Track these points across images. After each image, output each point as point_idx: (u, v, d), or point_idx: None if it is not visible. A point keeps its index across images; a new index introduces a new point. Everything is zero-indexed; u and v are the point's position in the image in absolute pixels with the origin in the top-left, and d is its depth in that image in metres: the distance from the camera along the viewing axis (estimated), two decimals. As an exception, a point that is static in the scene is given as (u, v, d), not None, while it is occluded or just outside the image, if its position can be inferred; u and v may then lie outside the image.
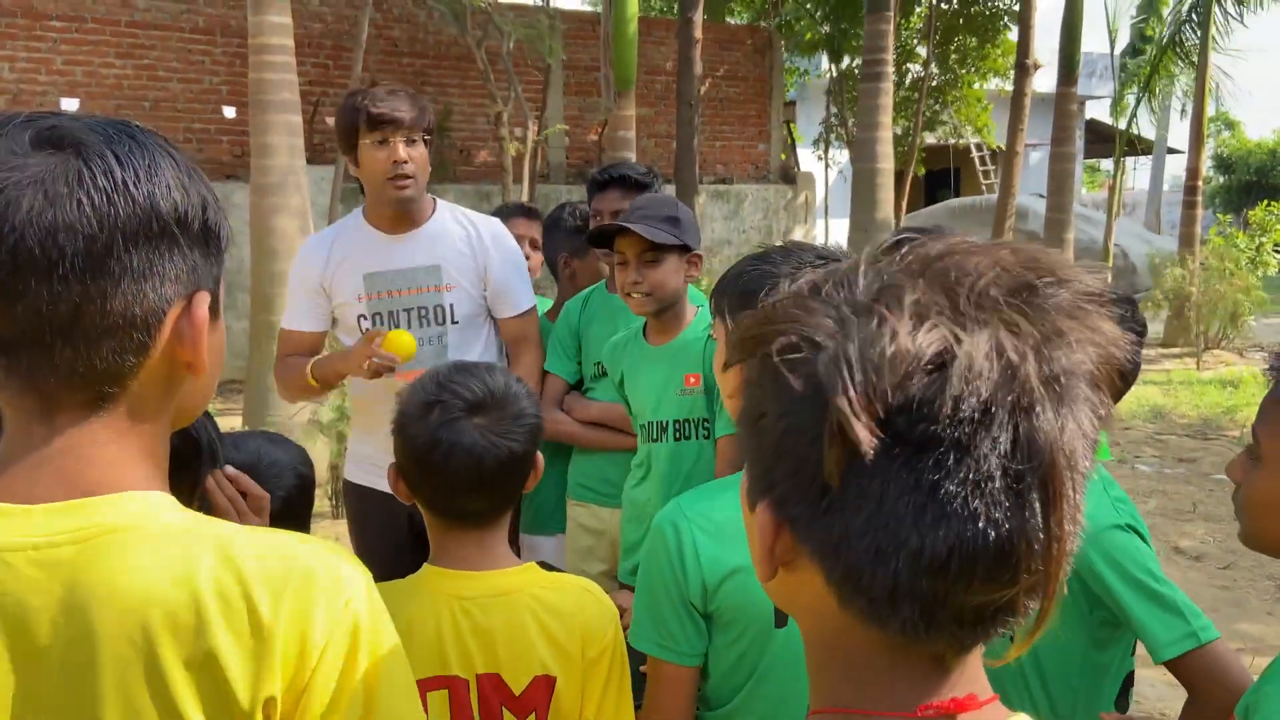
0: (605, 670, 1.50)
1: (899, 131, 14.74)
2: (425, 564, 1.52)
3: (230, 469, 1.37)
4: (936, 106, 16.05)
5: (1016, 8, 14.17)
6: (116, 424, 0.84)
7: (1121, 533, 1.57)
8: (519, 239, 3.27)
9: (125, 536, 0.80)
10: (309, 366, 2.64)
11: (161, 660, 0.78)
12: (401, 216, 2.66)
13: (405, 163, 2.54)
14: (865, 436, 0.59)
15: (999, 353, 0.60)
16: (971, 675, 0.68)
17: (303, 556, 0.84)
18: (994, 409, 0.59)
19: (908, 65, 15.23)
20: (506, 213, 3.41)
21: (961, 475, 0.59)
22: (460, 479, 1.46)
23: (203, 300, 0.86)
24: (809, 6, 15.24)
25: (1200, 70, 13.01)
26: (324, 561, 0.85)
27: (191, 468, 1.31)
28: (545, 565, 1.62)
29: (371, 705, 0.84)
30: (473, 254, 2.71)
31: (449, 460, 1.45)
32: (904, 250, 0.66)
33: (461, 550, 1.52)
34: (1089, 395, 0.62)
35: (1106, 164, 28.74)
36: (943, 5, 15.18)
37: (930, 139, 16.77)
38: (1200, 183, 13.52)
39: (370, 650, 0.85)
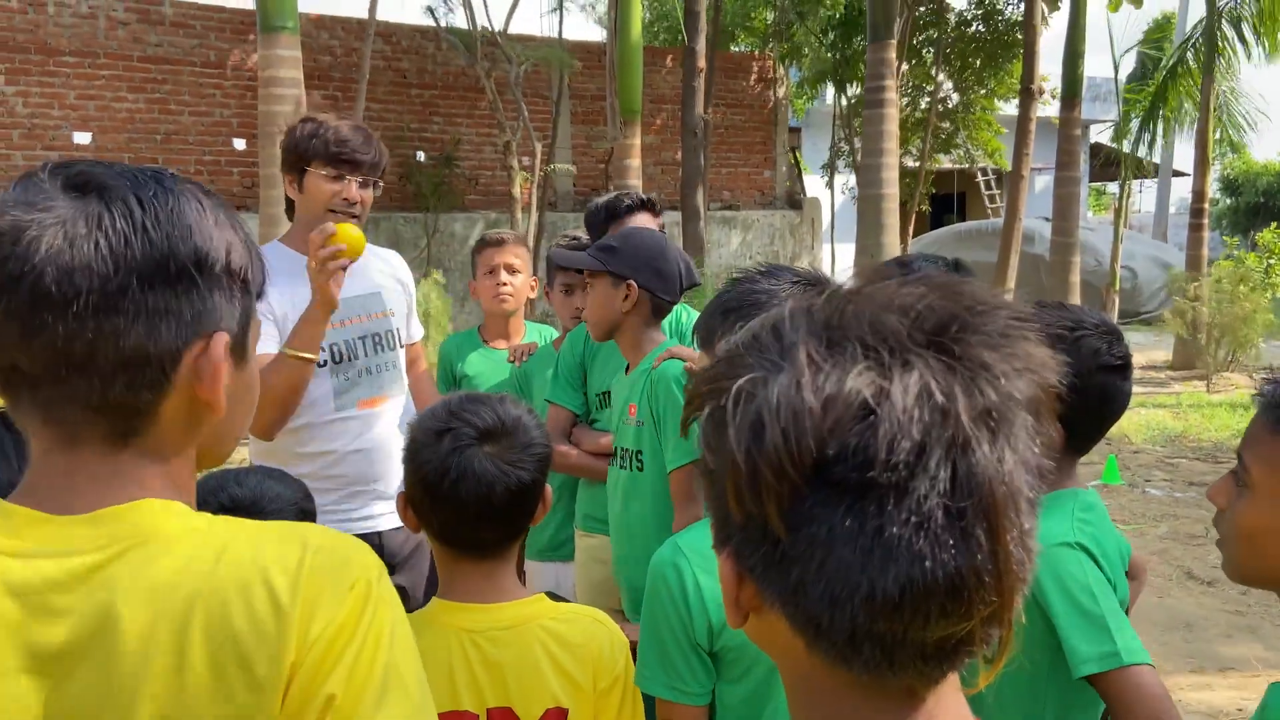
0: (618, 701, 1.50)
1: (911, 156, 14.82)
2: (434, 598, 1.53)
3: None
4: (951, 129, 16.11)
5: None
6: (138, 458, 0.87)
7: (1069, 550, 1.56)
8: (492, 270, 3.30)
9: (149, 539, 0.84)
10: (282, 349, 2.34)
11: (190, 650, 0.81)
12: None
13: (357, 204, 2.49)
14: (789, 489, 0.61)
15: (927, 393, 0.60)
16: (949, 704, 0.68)
17: (314, 542, 0.87)
18: (929, 449, 0.60)
19: (924, 88, 15.30)
20: (476, 248, 3.44)
21: (903, 517, 0.60)
22: (470, 507, 1.46)
23: (220, 341, 0.88)
24: (814, 36, 15.35)
25: (1205, 94, 13.04)
26: (335, 546, 0.88)
27: None
28: (552, 596, 1.62)
29: (380, 673, 0.85)
30: (396, 281, 2.76)
31: (459, 488, 1.45)
32: (829, 296, 0.67)
33: (470, 583, 1.52)
34: (1026, 423, 0.63)
35: (1113, 187, 28.77)
36: (953, 29, 15.27)
37: (946, 161, 16.83)
38: (1206, 205, 13.51)
39: (376, 623, 0.86)
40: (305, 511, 1.74)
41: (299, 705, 0.82)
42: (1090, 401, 1.58)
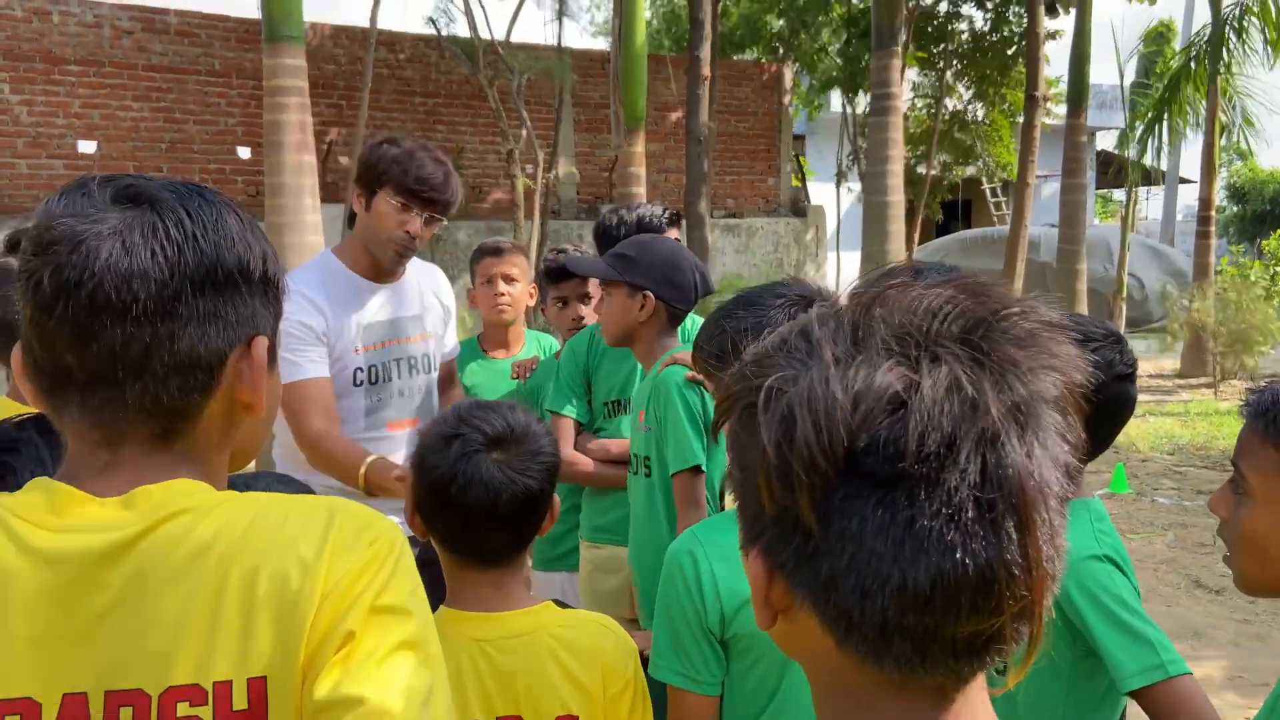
0: (628, 706, 1.50)
1: (924, 164, 14.83)
2: (441, 607, 1.51)
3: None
4: (970, 142, 16.12)
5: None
6: (176, 456, 0.92)
7: (1098, 563, 1.57)
8: (490, 280, 3.29)
9: (185, 511, 0.88)
10: (365, 465, 2.31)
11: (225, 609, 0.86)
12: (387, 270, 2.62)
13: (417, 239, 2.50)
14: (820, 481, 0.62)
15: (957, 387, 0.61)
16: (976, 706, 0.68)
17: (341, 508, 0.93)
18: (958, 441, 0.61)
19: (943, 100, 15.32)
20: (475, 256, 3.42)
21: (934, 508, 0.61)
22: (476, 514, 1.46)
23: (262, 344, 0.94)
24: (820, 45, 15.39)
25: (1210, 101, 13.03)
26: (359, 512, 0.93)
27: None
28: (559, 603, 1.61)
29: (398, 618, 0.89)
30: (439, 302, 2.78)
31: (465, 494, 1.45)
32: (854, 299, 0.68)
33: (477, 591, 1.51)
34: (1055, 421, 0.64)
35: (1119, 194, 28.77)
36: (973, 39, 15.28)
37: (969, 171, 16.84)
38: (1213, 213, 13.49)
39: (396, 576, 0.90)
40: None
41: (319, 644, 0.86)
42: (1105, 411, 1.58)
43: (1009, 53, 15.02)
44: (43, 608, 0.85)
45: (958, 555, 0.61)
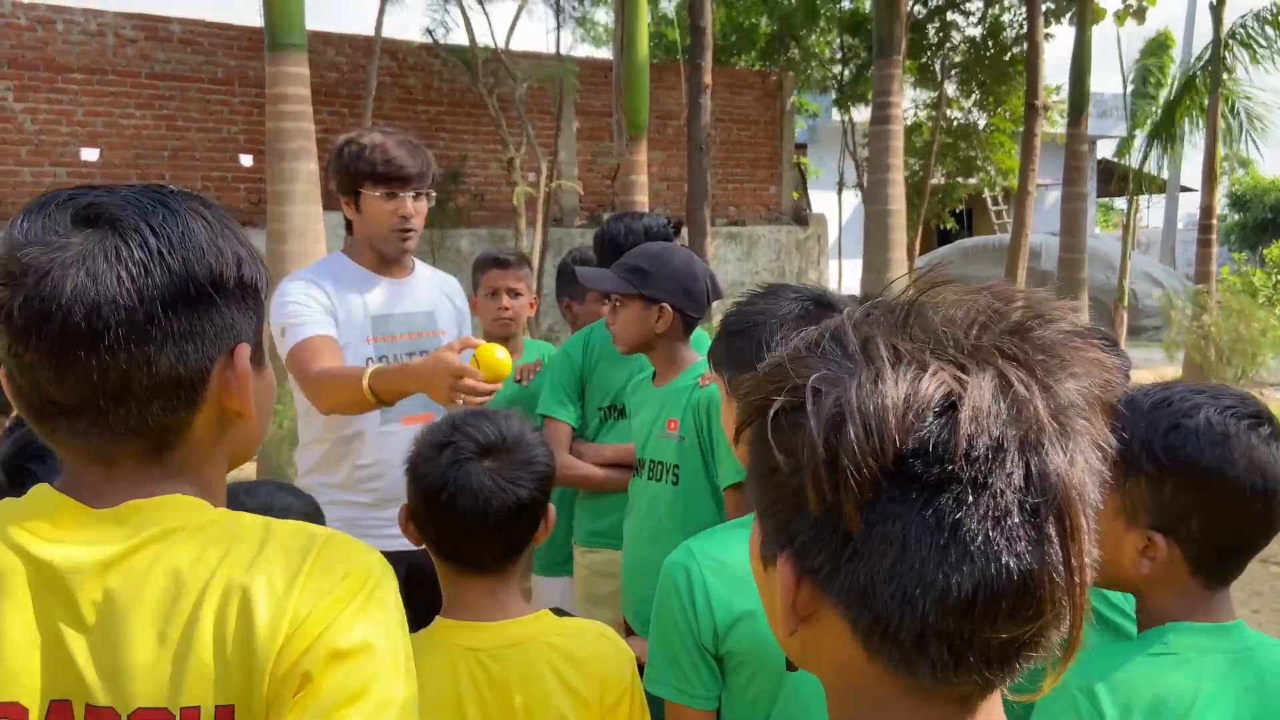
0: (625, 715, 1.49)
1: (928, 173, 14.84)
2: (437, 616, 1.51)
3: None
4: (971, 152, 16.12)
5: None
6: (171, 468, 0.92)
7: None
8: (495, 293, 3.29)
9: (172, 531, 0.88)
10: (366, 375, 2.24)
11: (197, 635, 0.85)
12: (396, 263, 2.66)
13: (412, 217, 2.54)
14: (870, 482, 0.62)
15: (1005, 390, 0.62)
16: (994, 715, 0.69)
17: (321, 537, 0.91)
18: (1005, 445, 0.61)
19: (942, 109, 15.34)
20: (480, 266, 3.43)
21: (981, 512, 0.61)
22: (467, 522, 1.46)
23: (243, 352, 0.92)
24: (817, 51, 15.42)
25: (1211, 109, 13.03)
26: (340, 542, 0.92)
27: None
28: (558, 612, 1.61)
29: (361, 662, 0.86)
30: (450, 303, 2.80)
31: (455, 502, 1.45)
32: (890, 301, 0.69)
33: (473, 600, 1.51)
34: (1091, 429, 0.65)
35: (1120, 203, 28.77)
36: (970, 49, 15.29)
37: (972, 181, 16.84)
38: (1215, 221, 13.49)
39: (365, 613, 0.88)
40: (314, 521, 1.73)
41: (280, 682, 0.85)
42: None
43: (1005, 59, 15.02)
44: (36, 615, 0.85)
45: (1003, 560, 0.61)
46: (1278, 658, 1.30)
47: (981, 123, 15.85)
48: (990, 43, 15.14)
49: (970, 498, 0.61)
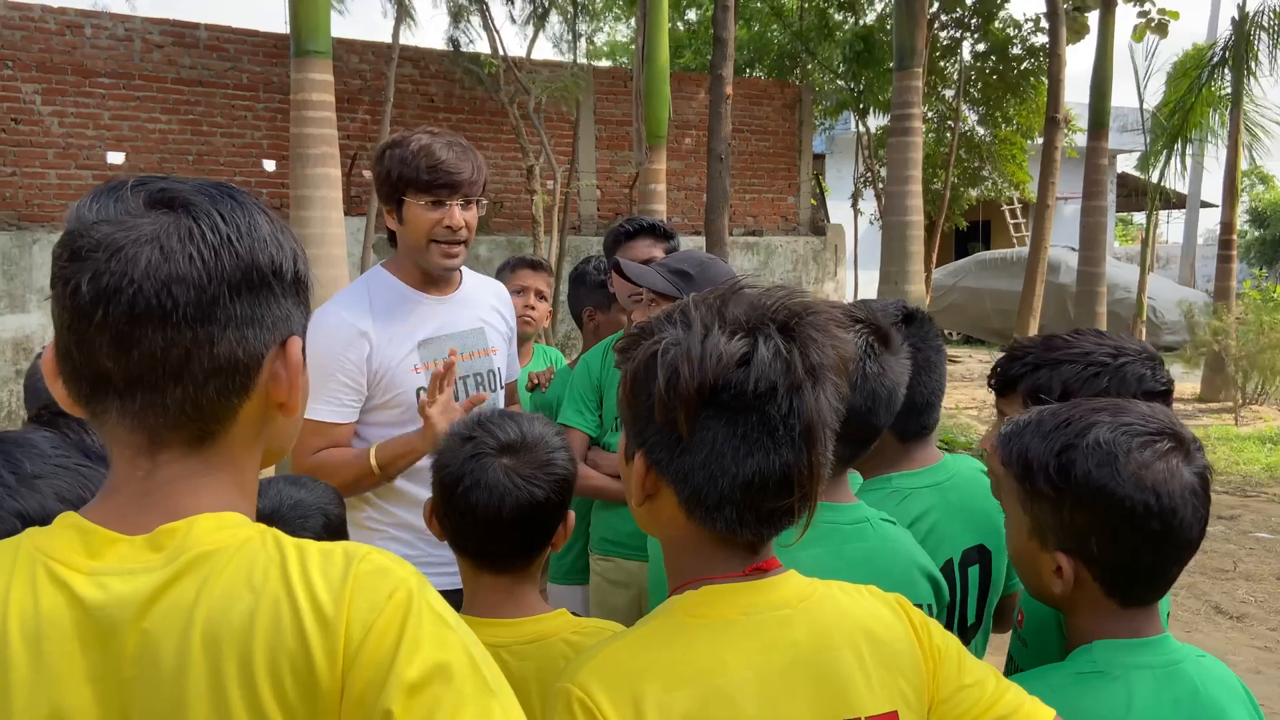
0: None
1: (938, 186, 14.81)
2: (458, 614, 1.53)
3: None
4: (978, 164, 16.08)
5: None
6: (212, 459, 0.92)
7: None
8: (523, 290, 3.32)
9: (206, 557, 0.86)
10: (372, 452, 2.21)
11: (253, 659, 0.83)
12: (442, 279, 2.44)
13: (461, 229, 2.32)
14: (693, 406, 1.03)
15: (779, 353, 1.03)
16: (771, 554, 1.14)
17: (356, 555, 0.89)
18: (778, 387, 1.03)
19: (948, 122, 15.32)
20: (511, 265, 3.46)
21: (761, 428, 1.03)
22: (480, 517, 1.48)
23: (296, 344, 0.94)
24: (834, 64, 15.42)
25: (1233, 123, 12.97)
26: (373, 557, 0.90)
27: None
28: (574, 614, 1.63)
29: (435, 681, 0.84)
30: (501, 317, 2.61)
31: (470, 495, 1.48)
32: (720, 291, 1.09)
33: (492, 598, 1.53)
34: (834, 380, 1.07)
35: (1140, 217, 28.60)
36: (977, 60, 15.28)
37: (972, 192, 16.79)
38: (1235, 236, 13.41)
39: (422, 629, 0.86)
40: (330, 516, 1.75)
41: (352, 712, 0.83)
42: None
43: (1016, 71, 14.97)
44: (88, 654, 0.84)
45: (770, 458, 1.04)
46: (1208, 667, 1.30)
47: (988, 136, 15.77)
48: (994, 58, 15.09)
49: (754, 418, 1.03)
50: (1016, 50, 15.03)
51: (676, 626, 1.08)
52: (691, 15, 17.09)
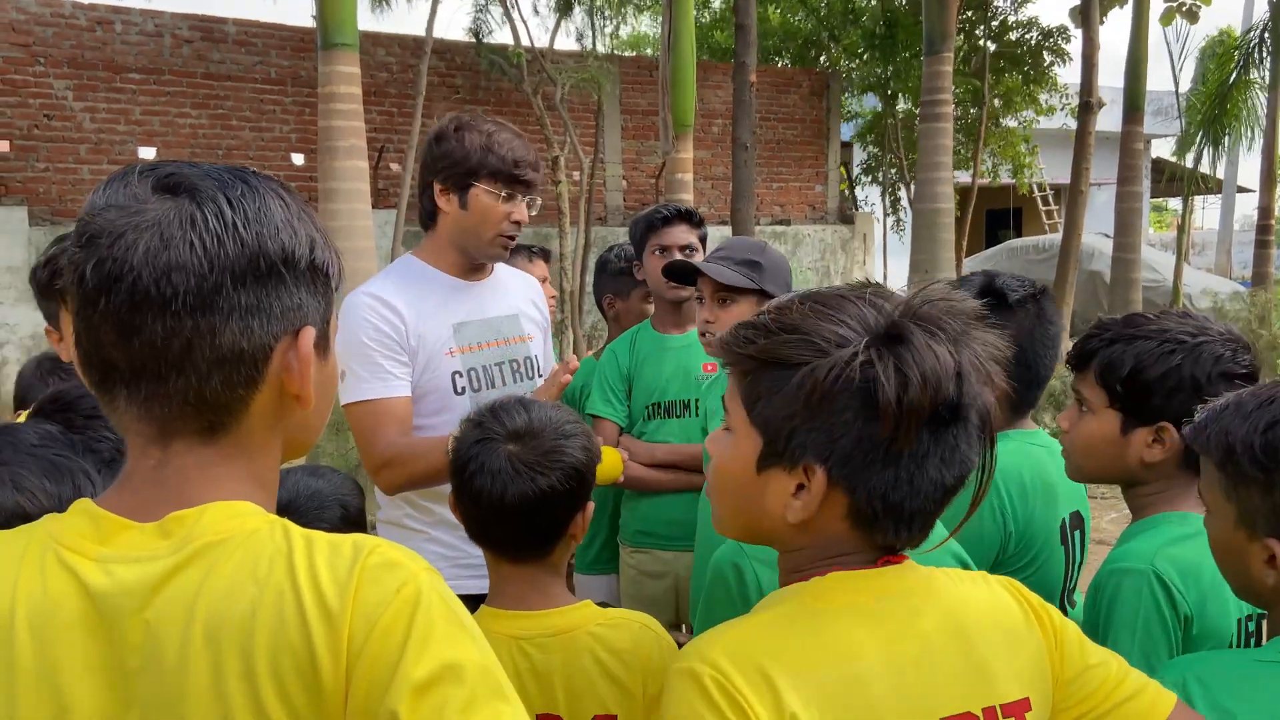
0: None
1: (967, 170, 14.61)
2: (481, 605, 1.52)
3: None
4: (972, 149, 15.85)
5: (1067, 45, 14.04)
6: (226, 450, 0.90)
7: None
8: (544, 280, 3.30)
9: (215, 546, 0.85)
10: (450, 438, 2.08)
11: (254, 653, 0.81)
12: (477, 266, 2.37)
13: (522, 224, 2.29)
14: (919, 420, 1.00)
15: (975, 368, 1.04)
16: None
17: (365, 547, 0.86)
18: (975, 398, 1.04)
19: (971, 108, 15.10)
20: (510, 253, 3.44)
21: (963, 436, 1.04)
22: (484, 502, 1.47)
23: (308, 335, 0.91)
24: (860, 51, 15.26)
25: (1271, 106, 12.73)
26: (383, 550, 0.86)
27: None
28: (601, 605, 1.61)
29: (443, 678, 0.82)
30: (535, 306, 2.55)
31: (474, 481, 1.47)
32: (910, 296, 1.07)
33: (515, 589, 1.51)
34: (992, 379, 1.06)
35: (1175, 203, 28.20)
36: (989, 43, 15.05)
37: (964, 178, 16.57)
38: (1273, 222, 13.17)
39: (430, 625, 0.83)
40: (347, 506, 1.74)
41: (358, 712, 0.81)
42: None
43: (1034, 53, 14.66)
44: (92, 643, 0.83)
45: (966, 465, 1.05)
46: None
47: (1001, 120, 15.49)
48: (1008, 34, 14.77)
49: (960, 429, 1.03)
50: (1032, 36, 14.72)
51: (805, 611, 1.05)
52: (716, 2, 16.97)
